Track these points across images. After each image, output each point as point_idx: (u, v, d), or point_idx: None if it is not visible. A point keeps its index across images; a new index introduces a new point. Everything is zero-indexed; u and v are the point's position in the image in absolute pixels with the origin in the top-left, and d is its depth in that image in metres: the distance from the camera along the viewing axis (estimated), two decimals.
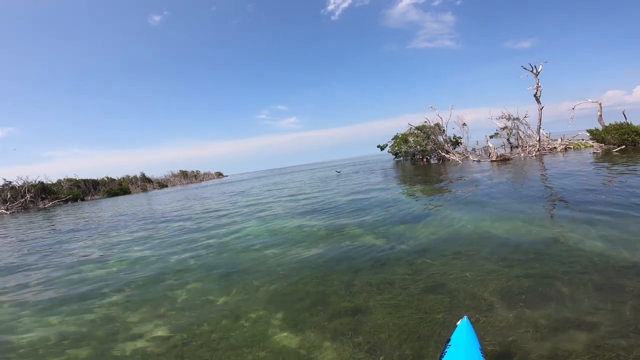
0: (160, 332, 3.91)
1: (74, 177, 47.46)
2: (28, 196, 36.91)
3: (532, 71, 21.14)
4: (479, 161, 22.37)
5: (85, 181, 48.06)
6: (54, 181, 44.20)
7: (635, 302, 3.12)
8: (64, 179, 45.92)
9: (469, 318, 2.35)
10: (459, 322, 2.31)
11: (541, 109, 21.36)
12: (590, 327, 2.83)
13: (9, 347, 3.99)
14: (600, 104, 21.30)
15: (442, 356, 1.99)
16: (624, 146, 17.98)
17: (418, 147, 28.67)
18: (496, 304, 3.42)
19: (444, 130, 28.99)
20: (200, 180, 74.17)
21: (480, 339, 2.56)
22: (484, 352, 1.98)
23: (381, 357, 2.84)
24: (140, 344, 3.70)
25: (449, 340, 2.16)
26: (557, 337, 2.77)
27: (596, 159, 15.34)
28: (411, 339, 3.03)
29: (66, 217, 22.08)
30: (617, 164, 12.55)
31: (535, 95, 21.25)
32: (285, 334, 3.50)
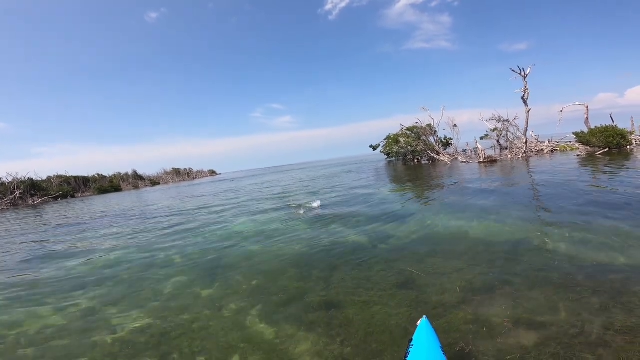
0: (141, 322, 4.06)
1: (64, 174, 47.01)
2: (17, 193, 36.52)
3: (520, 74, 21.48)
4: (467, 162, 22.70)
5: (76, 178, 47.62)
6: (44, 178, 43.75)
7: (587, 301, 3.30)
8: (54, 176, 45.46)
9: (428, 317, 2.48)
10: (419, 322, 2.41)
11: (528, 112, 21.74)
12: (539, 326, 2.99)
13: None
14: (587, 107, 21.75)
15: (406, 356, 2.08)
16: (607, 149, 18.39)
17: (409, 147, 28.98)
18: (458, 302, 3.62)
19: (435, 131, 29.34)
20: (193, 178, 73.86)
21: (442, 336, 2.74)
22: (444, 350, 2.08)
23: (348, 348, 3.02)
24: (120, 334, 3.85)
25: (411, 340, 2.25)
26: (508, 335, 2.93)
27: (579, 161, 15.71)
28: (377, 332, 3.23)
29: (55, 213, 21.99)
30: (597, 167, 12.92)
31: (522, 98, 21.60)
32: (262, 325, 3.69)
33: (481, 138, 28.91)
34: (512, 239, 5.48)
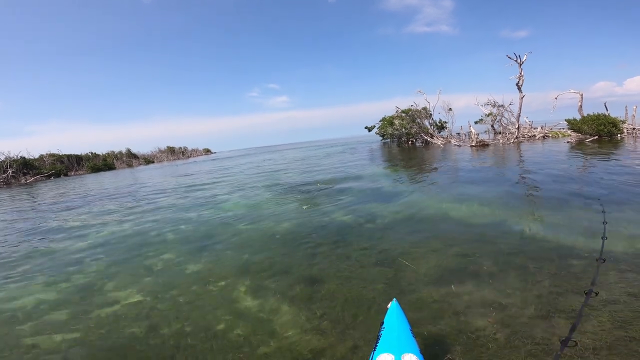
0: (132, 298, 4.25)
1: (57, 152, 46.58)
2: (10, 171, 36.24)
3: (516, 61, 21.50)
4: (459, 146, 22.90)
5: (69, 156, 47.19)
6: (36, 156, 43.32)
7: (547, 283, 3.47)
8: (47, 154, 44.99)
9: (399, 299, 2.52)
10: (389, 305, 2.45)
11: (522, 98, 21.86)
12: (502, 307, 3.14)
13: None
14: (581, 95, 21.85)
15: (378, 339, 2.12)
16: (597, 137, 18.62)
17: (403, 130, 29.07)
18: (429, 281, 3.81)
19: (430, 114, 29.40)
20: (188, 157, 73.46)
21: (411, 316, 2.91)
22: (413, 332, 2.15)
23: (328, 322, 3.21)
24: (112, 308, 4.03)
25: (383, 323, 2.29)
26: (473, 312, 3.09)
27: (569, 148, 15.95)
28: (354, 307, 3.43)
29: (48, 192, 22.01)
30: (584, 154, 13.17)
31: (517, 85, 21.74)
32: (248, 299, 3.89)
33: (476, 122, 29.05)
34: (489, 222, 5.71)
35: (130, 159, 56.72)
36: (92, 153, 52.50)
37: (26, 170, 38.56)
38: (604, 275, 3.48)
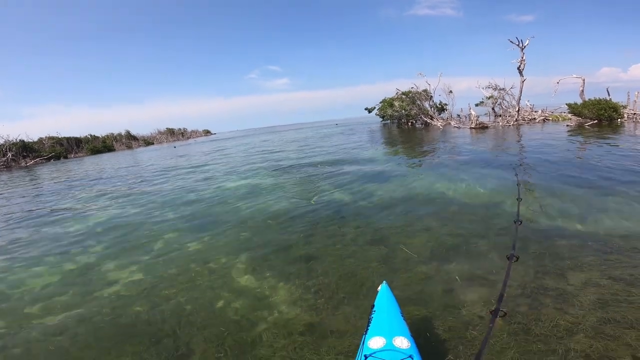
0: (134, 277, 4.37)
1: (56, 135, 46.34)
2: (10, 154, 36.17)
3: (518, 45, 21.30)
4: (459, 127, 22.87)
5: (68, 139, 46.94)
6: (35, 139, 43.14)
7: (532, 264, 3.55)
8: (46, 137, 44.72)
9: (388, 282, 2.58)
10: (379, 288, 2.49)
11: (523, 82, 21.73)
12: (490, 284, 3.25)
13: None
14: (583, 80, 21.63)
15: (369, 322, 2.13)
16: (596, 121, 18.53)
17: (403, 111, 28.98)
18: (420, 260, 3.92)
19: (431, 97, 29.19)
20: (187, 138, 73.13)
21: (402, 295, 3.05)
22: (403, 314, 2.19)
23: (322, 299, 3.33)
24: (114, 288, 4.14)
25: (373, 306, 2.32)
26: (462, 291, 3.19)
27: (569, 131, 15.95)
28: (348, 285, 3.55)
29: (49, 174, 22.10)
30: (583, 138, 13.20)
31: (518, 68, 21.64)
32: (246, 276, 4.01)
33: (476, 105, 28.81)
34: (482, 202, 5.83)
35: (130, 140, 56.46)
36: (91, 135, 52.22)
37: (26, 154, 38.48)
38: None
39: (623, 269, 3.25)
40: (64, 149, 44.16)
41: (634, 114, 19.03)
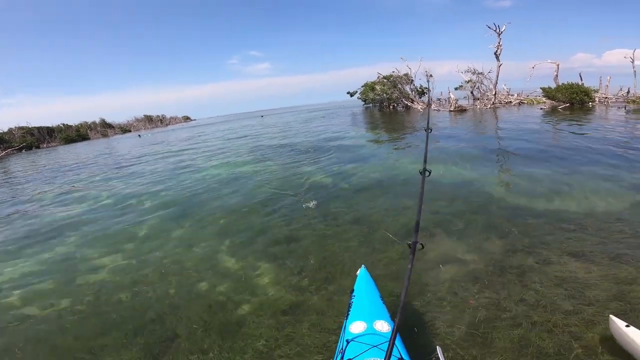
0: (117, 262, 4.37)
1: (26, 125, 44.52)
2: None
3: (495, 31, 21.72)
4: (438, 110, 23.23)
5: (39, 129, 45.14)
6: (5, 130, 41.53)
7: (504, 242, 3.72)
8: (15, 127, 43.04)
9: (366, 266, 2.62)
10: (358, 272, 2.52)
11: (499, 66, 22.30)
12: (462, 262, 3.39)
13: None
14: (558, 65, 22.18)
15: (349, 307, 2.15)
16: (569, 104, 19.13)
17: (384, 95, 29.16)
18: (398, 238, 4.06)
19: (412, 80, 29.37)
20: (166, 125, 71.11)
21: (380, 271, 3.18)
22: (382, 298, 2.23)
23: (306, 280, 3.43)
24: (97, 275, 4.12)
25: (353, 291, 2.34)
26: (435, 270, 3.30)
27: (542, 114, 16.48)
28: (330, 264, 3.66)
29: (21, 165, 21.45)
30: (555, 119, 13.67)
31: (495, 53, 22.16)
32: (230, 259, 4.08)
33: (456, 89, 29.16)
34: (461, 181, 6.04)
35: (105, 128, 54.54)
36: (64, 124, 50.29)
37: None
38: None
39: (583, 246, 3.47)
40: (35, 139, 42.52)
41: (605, 97, 19.72)
